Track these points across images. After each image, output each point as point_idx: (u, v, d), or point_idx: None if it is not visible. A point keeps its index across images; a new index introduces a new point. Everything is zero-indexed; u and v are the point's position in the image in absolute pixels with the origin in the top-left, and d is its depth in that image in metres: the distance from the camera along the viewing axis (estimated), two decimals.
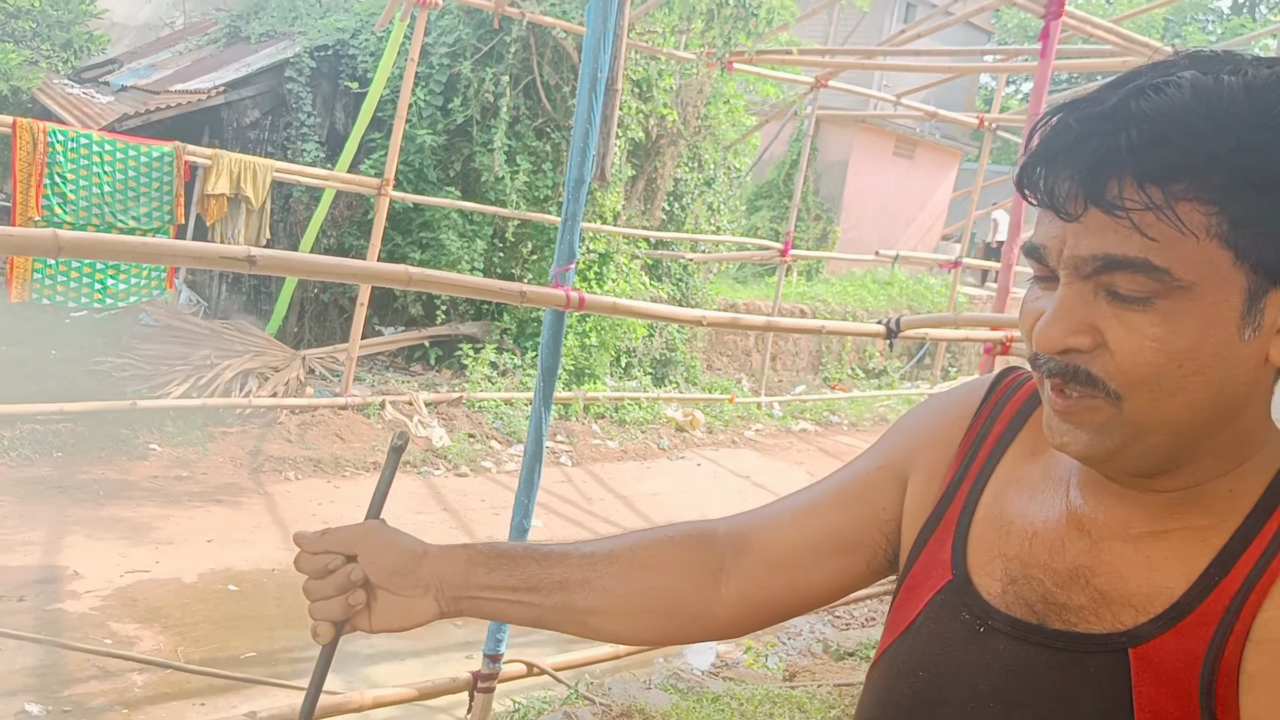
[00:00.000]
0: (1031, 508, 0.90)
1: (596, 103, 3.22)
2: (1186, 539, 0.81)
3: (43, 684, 3.97)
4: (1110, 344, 0.76)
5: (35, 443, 6.17)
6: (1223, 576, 0.79)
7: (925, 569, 0.95)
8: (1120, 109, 0.74)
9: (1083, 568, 0.85)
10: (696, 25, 8.99)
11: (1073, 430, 0.81)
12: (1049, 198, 0.77)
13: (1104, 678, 0.80)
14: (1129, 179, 0.73)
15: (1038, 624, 0.85)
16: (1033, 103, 4.99)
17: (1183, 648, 0.78)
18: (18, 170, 6.16)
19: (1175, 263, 0.73)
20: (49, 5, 12.04)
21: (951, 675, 0.89)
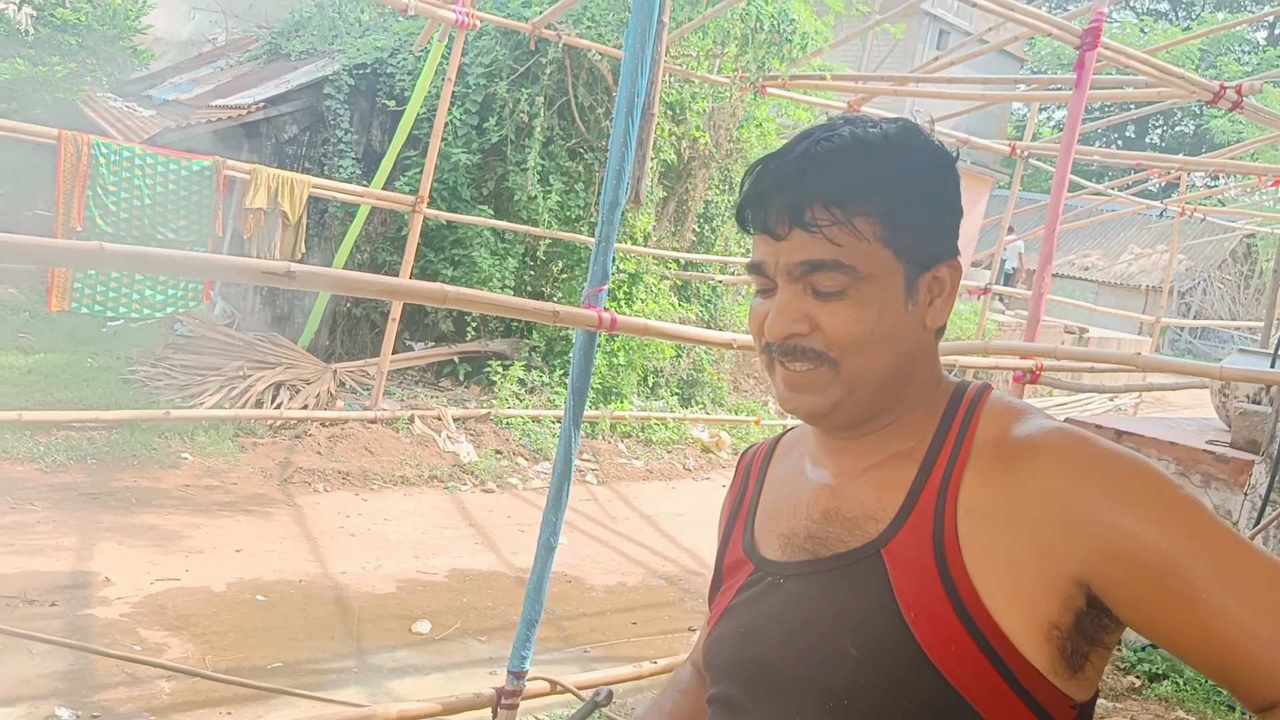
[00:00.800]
0: (787, 493, 1.19)
1: (633, 126, 3.26)
2: (897, 460, 1.08)
3: (72, 688, 4.02)
4: (822, 326, 1.05)
5: (70, 449, 6.26)
6: (928, 476, 1.05)
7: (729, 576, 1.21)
8: (804, 155, 1.04)
9: (831, 509, 1.10)
10: (730, 49, 9.04)
11: (801, 395, 1.09)
12: (764, 225, 1.06)
13: (869, 577, 1.02)
14: (818, 203, 1.02)
15: (812, 558, 1.09)
16: (1066, 132, 4.99)
17: (915, 536, 1.01)
18: (61, 181, 6.27)
19: (857, 261, 1.03)
20: (95, 21, 12.26)
21: (762, 621, 1.10)
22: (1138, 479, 0.97)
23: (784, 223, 1.04)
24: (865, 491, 1.09)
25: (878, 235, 1.03)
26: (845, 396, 1.07)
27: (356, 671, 4.52)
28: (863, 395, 1.07)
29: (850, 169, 1.03)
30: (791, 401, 1.10)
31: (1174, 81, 5.83)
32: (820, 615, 1.04)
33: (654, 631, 5.51)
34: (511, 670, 3.59)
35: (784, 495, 1.20)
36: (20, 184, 11.35)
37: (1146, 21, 29.52)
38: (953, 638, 0.96)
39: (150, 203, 6.57)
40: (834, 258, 1.02)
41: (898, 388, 1.09)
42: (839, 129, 1.06)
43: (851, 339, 1.04)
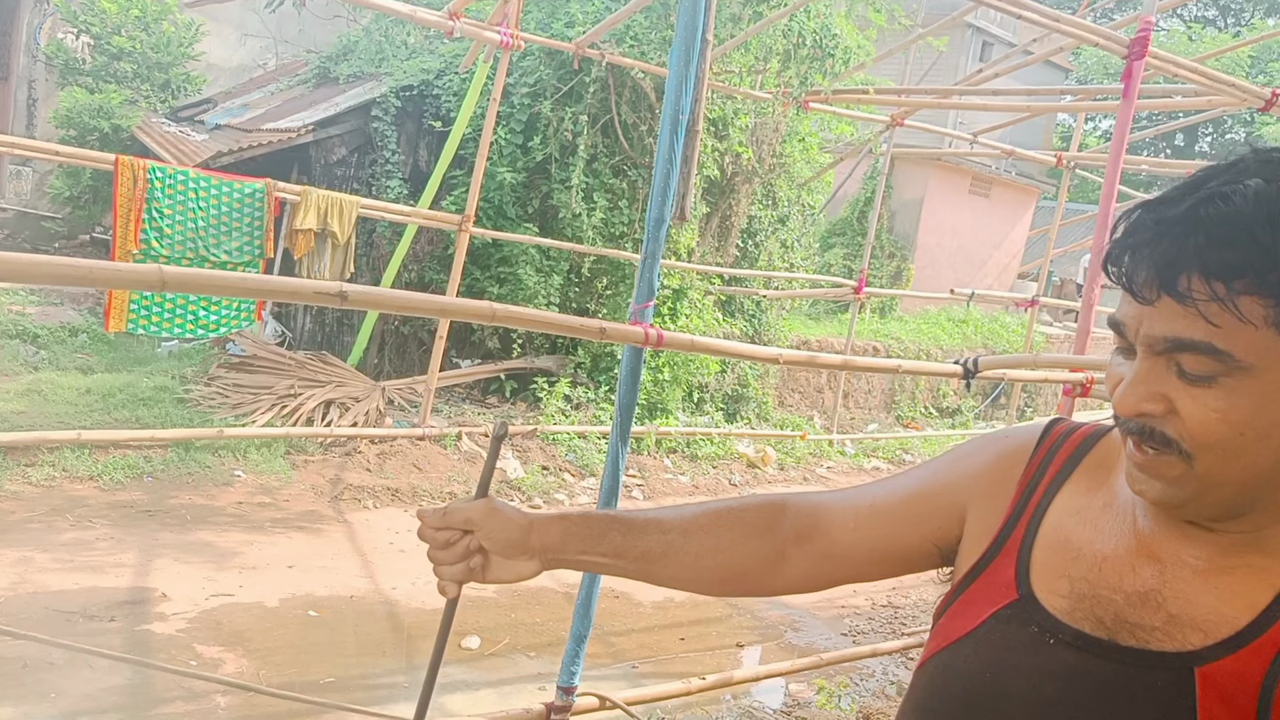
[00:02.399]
0: (1098, 537, 1.01)
1: (677, 144, 3.28)
2: (1249, 576, 0.91)
3: (131, 703, 4.10)
4: (1180, 412, 0.88)
5: (128, 468, 6.39)
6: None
7: (985, 587, 1.05)
8: (1191, 214, 0.87)
9: (1154, 591, 0.94)
10: (773, 65, 9.06)
11: (1150, 480, 0.92)
12: (1128, 283, 0.91)
13: (1170, 693, 0.89)
14: (1196, 274, 0.85)
15: (1108, 639, 0.94)
16: (1114, 143, 4.95)
17: (1244, 670, 0.87)
18: (119, 205, 6.42)
19: (1236, 347, 0.85)
20: (149, 48, 12.55)
21: (1015, 679, 0.97)
22: None
23: (1153, 287, 0.88)
24: (1202, 593, 0.93)
25: (1269, 319, 0.84)
26: (1199, 496, 0.91)
27: (408, 687, 4.56)
28: (1222, 498, 0.91)
29: (1244, 239, 0.84)
30: (1138, 483, 0.94)
31: (1224, 89, 5.76)
32: (1094, 708, 0.92)
33: (702, 648, 5.51)
34: (561, 686, 3.61)
35: (1090, 531, 1.02)
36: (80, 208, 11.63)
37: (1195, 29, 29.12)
38: None
39: (204, 225, 6.70)
40: (1208, 340, 0.86)
41: (1269, 493, 0.91)
42: (1242, 178, 0.87)
43: (1214, 437, 0.87)
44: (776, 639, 5.86)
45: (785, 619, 6.09)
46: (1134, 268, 0.90)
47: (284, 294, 2.92)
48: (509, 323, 3.07)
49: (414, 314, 8.14)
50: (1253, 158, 0.90)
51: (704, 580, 1.25)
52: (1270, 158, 0.89)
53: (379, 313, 8.66)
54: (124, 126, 11.15)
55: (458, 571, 1.24)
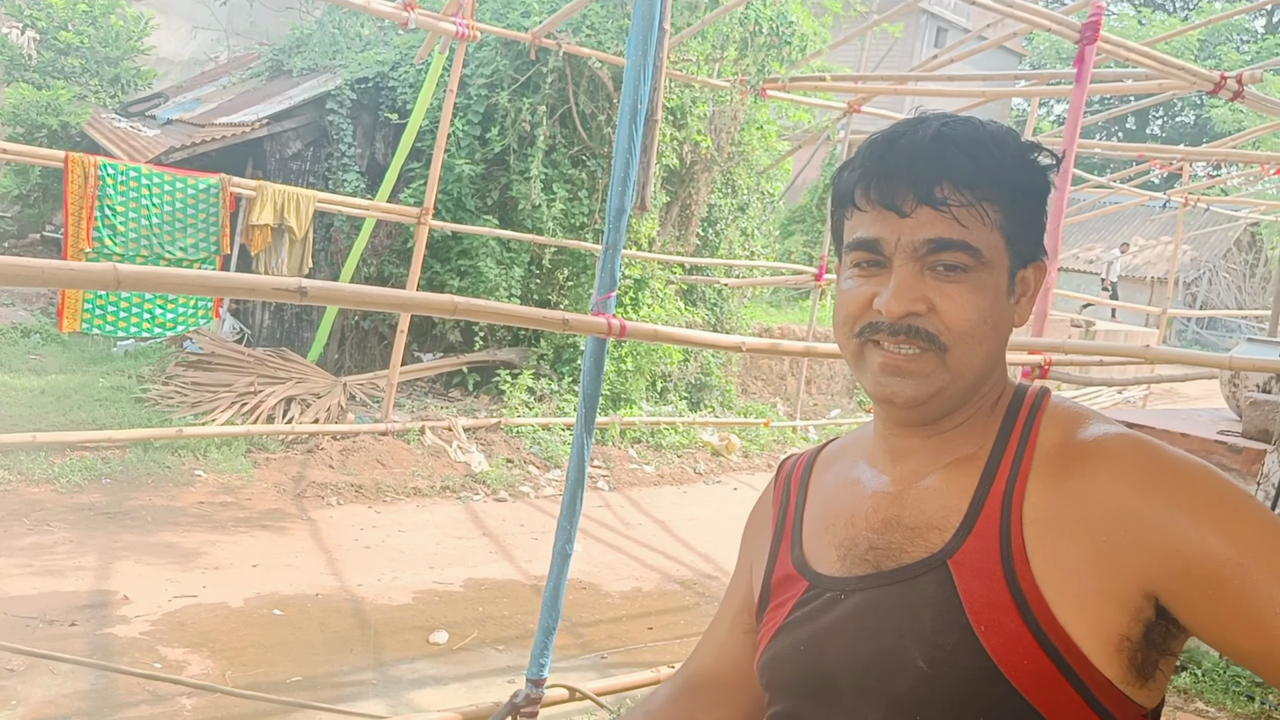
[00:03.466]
0: (842, 506, 1.16)
1: (636, 133, 3.28)
2: (960, 467, 1.07)
3: (95, 708, 4.04)
4: (939, 308, 1.03)
5: (85, 470, 6.29)
6: (991, 483, 1.04)
7: (779, 593, 1.18)
8: (938, 136, 1.03)
9: (892, 517, 1.09)
10: (730, 53, 9.07)
11: (903, 380, 1.05)
12: (887, 200, 1.04)
13: (936, 588, 1.01)
14: (949, 183, 1.01)
15: (874, 571, 1.07)
16: (1069, 126, 5.00)
17: (982, 546, 1.00)
18: (69, 203, 6.31)
19: (981, 244, 1.03)
20: (98, 42, 12.33)
21: (825, 636, 1.08)
22: (1204, 486, 0.96)
23: (911, 199, 1.02)
24: (928, 499, 1.07)
25: (999, 223, 1.04)
26: (947, 385, 1.05)
27: (376, 684, 4.54)
28: (962, 386, 1.06)
29: (984, 154, 1.03)
30: (890, 386, 1.06)
31: (1174, 73, 5.84)
32: (885, 628, 1.03)
33: (671, 636, 5.52)
34: (530, 678, 3.60)
35: (837, 505, 1.17)
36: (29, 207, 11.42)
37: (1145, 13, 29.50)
38: (1024, 650, 0.95)
39: (158, 222, 6.61)
40: (961, 238, 1.02)
41: (982, 384, 1.08)
42: (959, 118, 1.06)
43: (968, 325, 1.03)
44: None
45: None
46: (891, 185, 1.04)
47: (243, 291, 2.88)
48: (471, 316, 3.05)
49: (375, 309, 8.09)
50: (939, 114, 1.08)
51: None
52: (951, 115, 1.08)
53: (339, 308, 8.59)
54: (73, 123, 10.96)
55: None
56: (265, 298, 2.96)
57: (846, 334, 1.10)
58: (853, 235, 1.08)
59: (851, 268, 1.09)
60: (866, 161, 1.06)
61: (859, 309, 1.07)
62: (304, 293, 2.59)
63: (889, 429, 1.13)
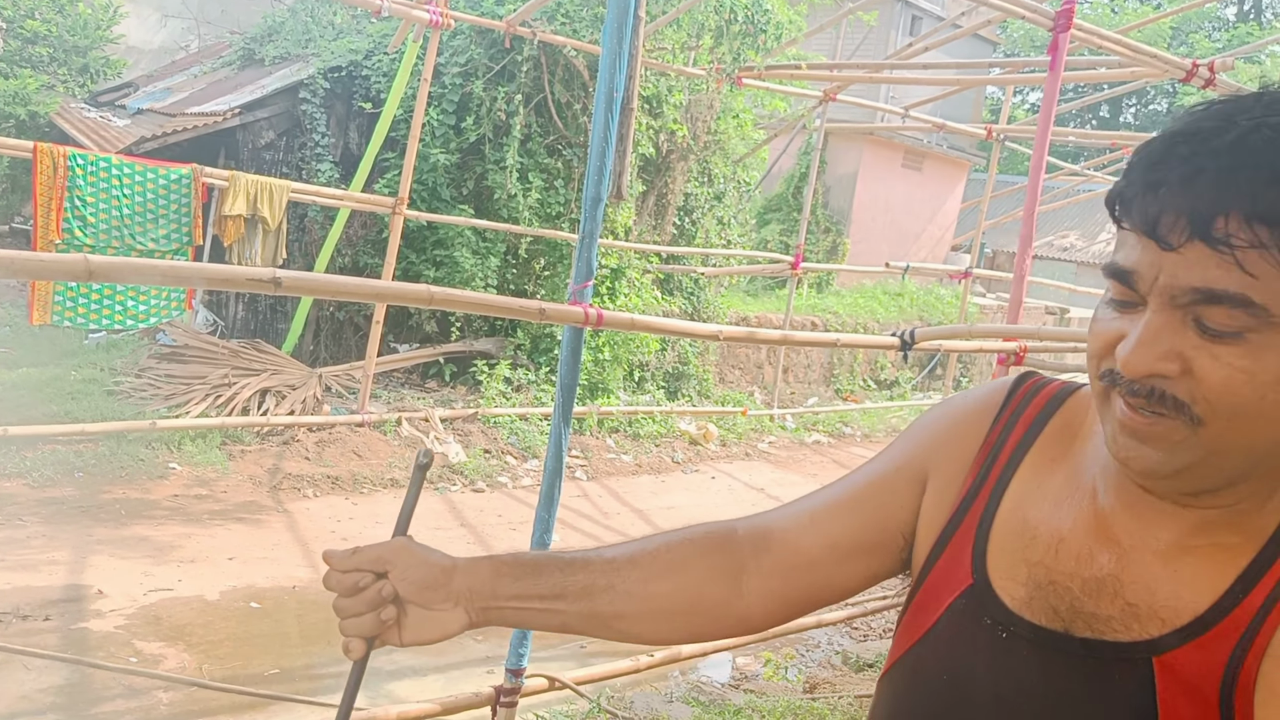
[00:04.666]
0: (1057, 515, 0.92)
1: (612, 122, 3.27)
2: (1214, 556, 0.84)
3: (70, 703, 4.02)
4: (1197, 373, 0.78)
5: (57, 463, 6.23)
6: (1246, 593, 0.82)
7: (944, 573, 0.97)
8: (1239, 145, 0.75)
9: (1111, 578, 0.87)
10: (705, 41, 9.06)
11: (1141, 447, 0.81)
12: (1149, 226, 0.78)
13: (1129, 685, 0.83)
14: (1237, 215, 0.74)
15: (1063, 631, 0.88)
16: (1043, 115, 5.02)
17: (1205, 658, 0.81)
18: (39, 194, 6.23)
19: (1273, 300, 0.74)
20: (66, 31, 12.17)
21: (973, 681, 0.91)
22: None
23: (1181, 230, 0.76)
24: (1162, 579, 0.86)
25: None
26: (1198, 463, 0.81)
27: None
28: (1222, 468, 0.82)
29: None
30: (1126, 450, 0.83)
31: (1147, 61, 5.87)
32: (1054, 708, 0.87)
33: None
34: (509, 668, 3.60)
35: (1050, 510, 0.93)
36: None
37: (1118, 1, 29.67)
38: None
39: (129, 213, 6.54)
40: (1242, 291, 0.74)
41: (1265, 466, 0.82)
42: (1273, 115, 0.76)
43: (1235, 400, 0.77)
44: None
45: None
46: (1159, 207, 0.78)
47: (217, 281, 2.86)
48: (447, 306, 3.04)
49: (350, 299, 8.04)
50: None
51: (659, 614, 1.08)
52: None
53: (314, 299, 8.54)
54: (42, 113, 10.82)
55: (366, 624, 1.02)
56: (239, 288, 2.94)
57: (1092, 371, 0.87)
58: (1113, 256, 0.84)
59: (1109, 294, 0.85)
60: (1136, 165, 0.81)
61: (1102, 348, 0.84)
62: (278, 283, 2.57)
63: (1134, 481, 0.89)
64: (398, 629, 1.05)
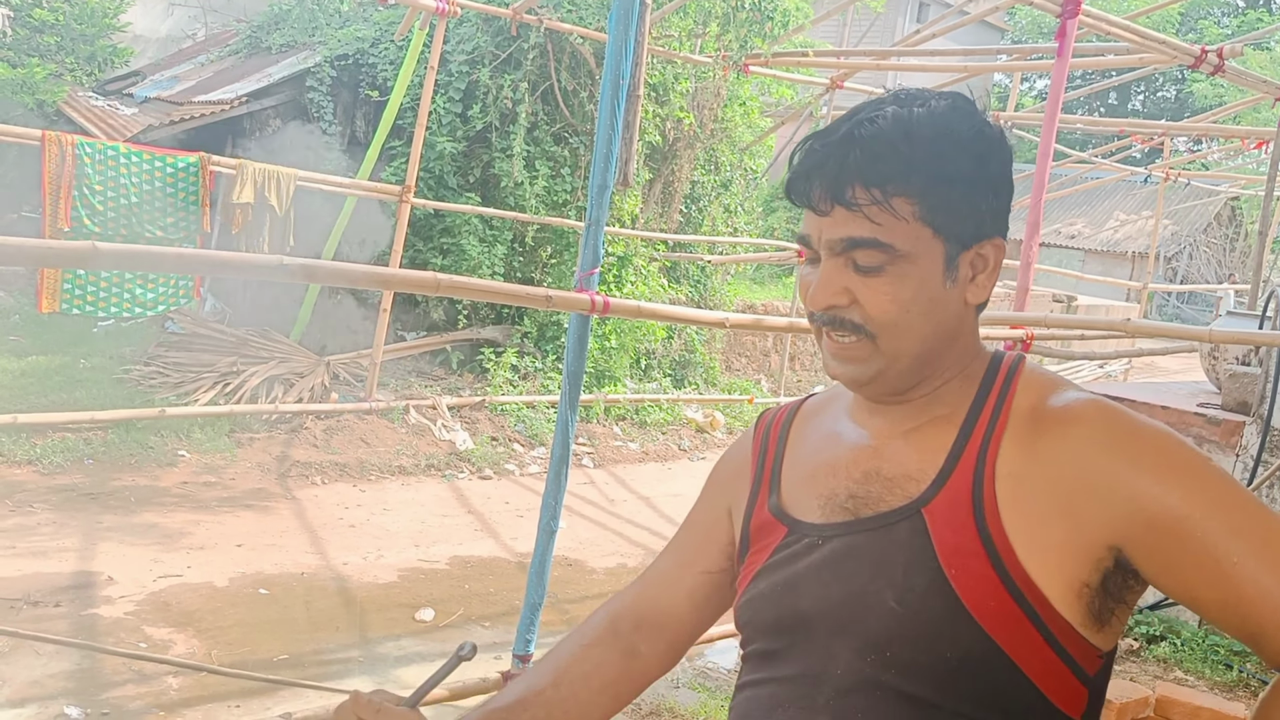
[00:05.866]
0: (823, 457, 1.21)
1: (619, 109, 3.27)
2: (937, 425, 1.13)
3: (80, 688, 4.05)
4: (861, 300, 1.08)
5: (66, 451, 6.27)
6: (967, 440, 1.10)
7: (758, 539, 1.22)
8: (847, 137, 1.07)
9: (871, 469, 1.14)
10: (712, 29, 9.03)
11: (844, 365, 1.13)
12: (808, 200, 1.10)
13: (911, 535, 1.07)
14: (858, 184, 1.06)
15: (853, 518, 1.12)
16: (1050, 101, 5.00)
17: (955, 496, 1.07)
18: (47, 183, 6.25)
19: (895, 239, 1.06)
20: (73, 20, 12.17)
21: (801, 580, 1.13)
22: (1166, 449, 1.04)
23: (826, 200, 1.08)
24: (906, 453, 1.13)
25: (916, 215, 1.07)
26: (885, 368, 1.11)
27: (362, 661, 4.56)
28: (901, 367, 1.12)
29: (889, 152, 1.06)
30: (835, 369, 1.15)
31: (1155, 47, 5.84)
32: (860, 571, 1.09)
33: None
34: (516, 654, 3.62)
35: (820, 457, 1.23)
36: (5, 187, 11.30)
37: None
38: (992, 593, 1.02)
39: (137, 201, 6.55)
40: (872, 235, 1.06)
41: (937, 359, 1.13)
42: (883, 109, 1.09)
43: (888, 316, 1.08)
44: None
45: None
46: (809, 187, 1.09)
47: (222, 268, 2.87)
48: (454, 293, 3.05)
49: (357, 286, 8.05)
50: (890, 94, 1.12)
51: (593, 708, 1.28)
52: (902, 91, 1.12)
53: (321, 286, 8.55)
54: (50, 102, 10.82)
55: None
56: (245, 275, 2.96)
57: (809, 318, 1.16)
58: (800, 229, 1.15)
59: (805, 259, 1.16)
60: (792, 162, 1.13)
61: (805, 299, 1.14)
62: (284, 269, 2.58)
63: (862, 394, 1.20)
64: None
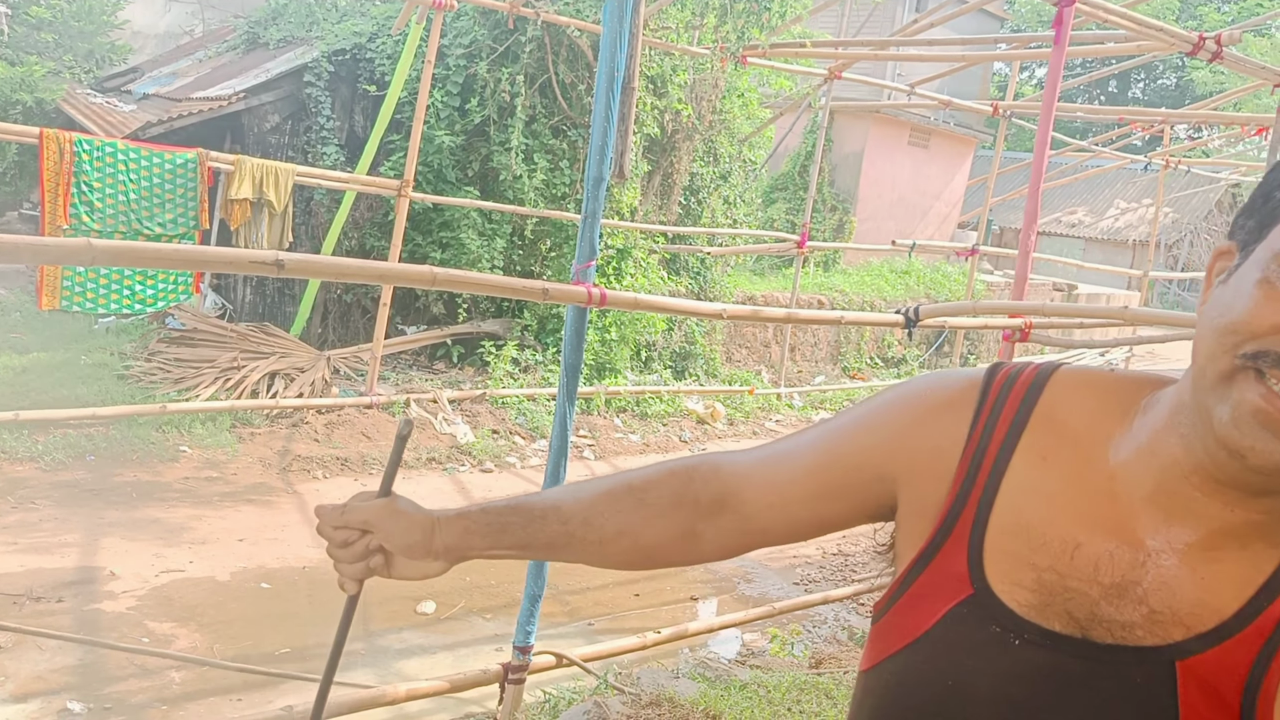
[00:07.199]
0: (1064, 515, 0.88)
1: (614, 102, 3.27)
2: (1241, 560, 0.82)
3: (84, 682, 4.07)
4: None
5: (69, 447, 6.28)
6: (1272, 599, 0.81)
7: (935, 581, 0.93)
8: None
9: (1133, 583, 0.84)
10: (710, 20, 9.02)
11: (1272, 440, 0.78)
12: None
13: (1149, 688, 0.82)
14: None
15: (1082, 637, 0.85)
16: (1047, 90, 5.00)
17: (1229, 663, 0.80)
18: (45, 180, 6.26)
19: None
20: (71, 17, 12.18)
21: (980, 685, 0.88)
22: None
23: None
24: (1189, 582, 0.83)
25: None
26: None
27: (364, 654, 4.58)
28: None
29: None
30: (1254, 438, 0.78)
31: (1153, 34, 5.84)
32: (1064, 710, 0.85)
33: (657, 602, 5.58)
34: (517, 646, 3.64)
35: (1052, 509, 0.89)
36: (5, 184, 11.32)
37: None
38: None
39: (136, 197, 6.56)
40: None
41: None
42: None
43: None
44: (730, 591, 5.95)
45: (738, 571, 6.18)
46: None
47: (220, 264, 2.88)
48: (450, 287, 3.06)
49: (353, 281, 8.07)
50: None
51: (614, 561, 1.15)
52: None
53: (321, 281, 8.56)
54: (48, 99, 10.83)
55: (357, 570, 1.16)
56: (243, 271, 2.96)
57: (1225, 346, 0.80)
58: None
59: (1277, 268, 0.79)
60: None
61: (1261, 326, 0.78)
62: (281, 265, 2.59)
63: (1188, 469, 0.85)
64: (386, 568, 1.18)
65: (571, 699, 3.96)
